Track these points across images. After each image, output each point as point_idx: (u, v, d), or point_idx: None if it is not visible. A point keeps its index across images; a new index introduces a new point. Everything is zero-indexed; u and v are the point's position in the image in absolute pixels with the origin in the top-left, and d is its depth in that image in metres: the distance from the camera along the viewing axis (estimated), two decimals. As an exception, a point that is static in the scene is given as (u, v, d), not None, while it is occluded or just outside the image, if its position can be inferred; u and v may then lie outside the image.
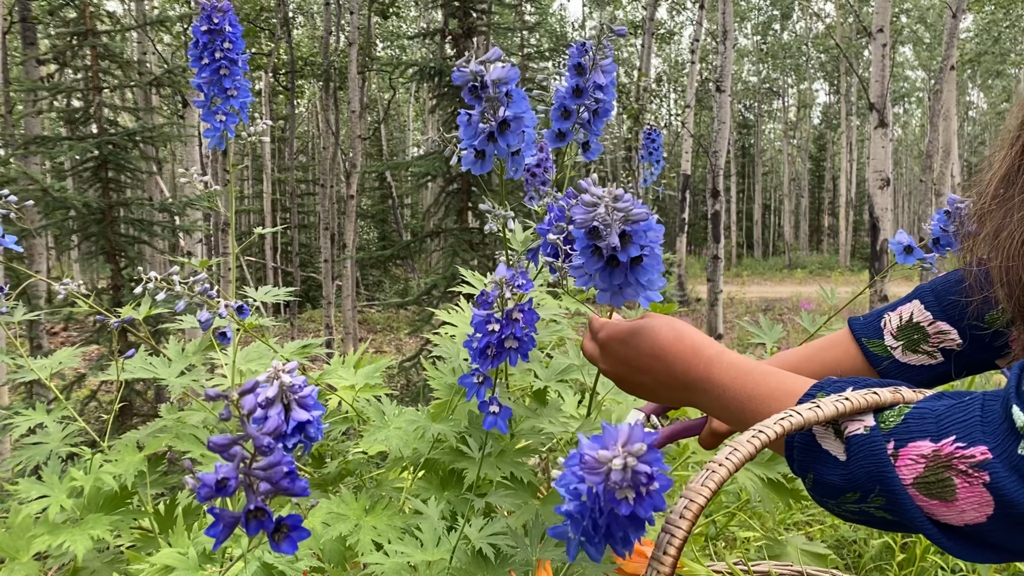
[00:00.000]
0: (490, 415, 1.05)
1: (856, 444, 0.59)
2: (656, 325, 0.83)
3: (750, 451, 0.57)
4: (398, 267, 15.62)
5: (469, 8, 7.00)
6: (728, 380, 0.75)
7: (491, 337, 0.97)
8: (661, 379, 0.82)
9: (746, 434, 0.58)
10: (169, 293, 1.10)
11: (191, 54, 1.29)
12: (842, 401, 0.60)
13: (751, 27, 27.20)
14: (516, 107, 0.97)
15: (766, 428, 0.58)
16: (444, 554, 1.09)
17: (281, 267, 15.94)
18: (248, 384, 0.59)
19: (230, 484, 0.58)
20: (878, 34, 5.13)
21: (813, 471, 0.62)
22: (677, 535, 0.54)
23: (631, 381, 0.86)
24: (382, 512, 1.20)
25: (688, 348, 0.80)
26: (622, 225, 0.76)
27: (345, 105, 13.96)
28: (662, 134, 3.16)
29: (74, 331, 9.56)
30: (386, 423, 1.28)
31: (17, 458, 1.45)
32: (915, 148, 32.73)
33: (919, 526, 0.57)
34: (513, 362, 1.00)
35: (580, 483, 0.56)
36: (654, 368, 0.82)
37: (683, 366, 0.79)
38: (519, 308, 0.97)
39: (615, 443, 0.54)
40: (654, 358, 0.81)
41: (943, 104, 7.94)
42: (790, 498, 1.47)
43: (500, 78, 0.95)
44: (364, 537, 1.13)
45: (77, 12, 5.52)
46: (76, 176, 5.72)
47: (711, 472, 0.56)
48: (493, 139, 0.98)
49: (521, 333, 0.98)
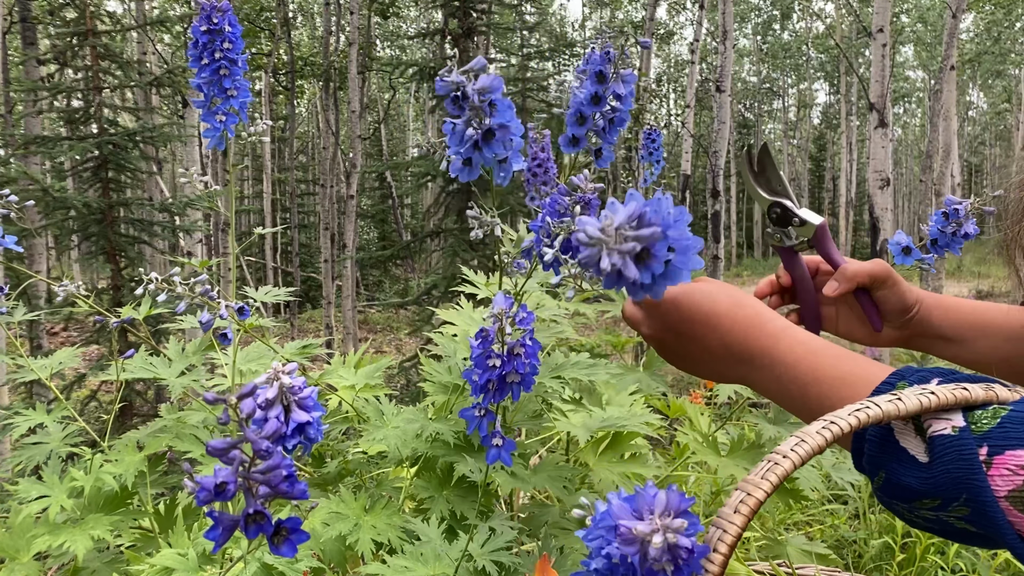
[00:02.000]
0: (493, 448, 1.02)
1: (941, 446, 0.52)
2: (712, 290, 0.75)
3: (819, 444, 0.50)
4: (398, 267, 15.63)
5: (469, 8, 7.00)
6: (793, 358, 0.67)
7: (492, 373, 0.93)
8: (712, 349, 0.73)
9: (816, 424, 0.51)
10: (170, 294, 1.10)
11: (190, 54, 1.29)
12: (927, 395, 0.53)
13: (751, 27, 27.19)
14: (500, 117, 0.96)
15: (839, 419, 0.51)
16: (447, 568, 1.09)
17: (281, 267, 15.94)
18: (247, 387, 0.59)
19: (229, 488, 0.58)
20: (878, 34, 5.13)
21: (887, 470, 0.56)
22: (730, 531, 0.47)
23: (676, 350, 0.77)
24: (381, 511, 1.20)
25: (749, 317, 0.72)
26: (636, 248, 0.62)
27: (345, 105, 13.95)
28: (662, 134, 3.16)
29: (74, 331, 9.56)
30: (385, 423, 1.28)
31: (17, 458, 1.45)
32: (915, 148, 32.72)
33: (1008, 542, 0.51)
34: (516, 396, 0.96)
35: (611, 546, 0.51)
36: (706, 336, 0.73)
37: (741, 336, 0.71)
38: (520, 343, 0.92)
39: (652, 512, 0.49)
40: (707, 325, 0.73)
41: (943, 104, 7.94)
42: (790, 498, 1.47)
43: (484, 87, 0.94)
44: (364, 536, 1.13)
45: (77, 12, 5.52)
46: (76, 176, 5.72)
47: (773, 464, 0.49)
48: (479, 148, 0.97)
49: (523, 368, 0.93)
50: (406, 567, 1.08)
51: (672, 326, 0.76)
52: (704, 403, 3.24)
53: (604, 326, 3.21)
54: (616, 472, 1.39)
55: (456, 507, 1.25)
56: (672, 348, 0.78)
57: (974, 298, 1.04)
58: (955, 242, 1.15)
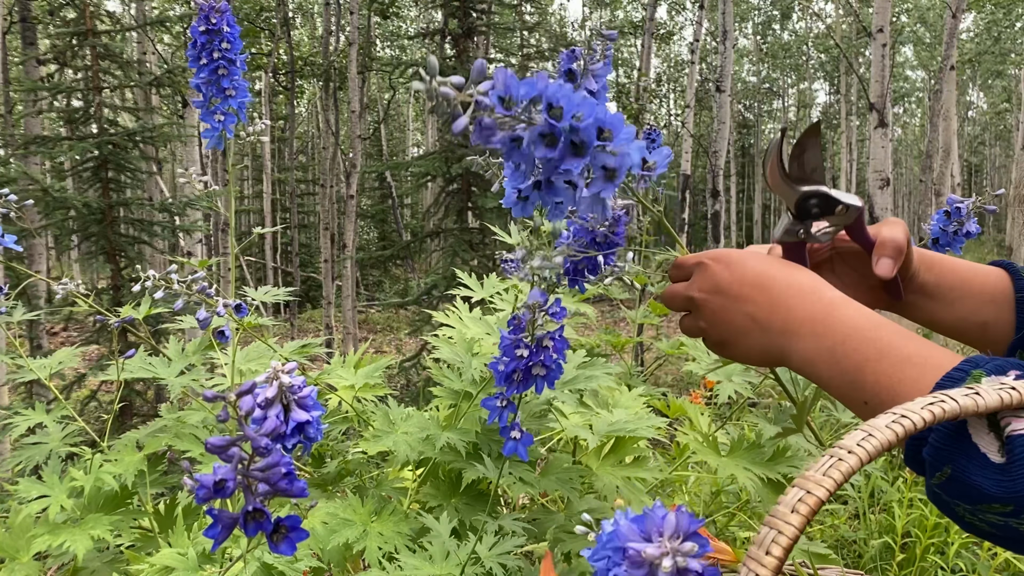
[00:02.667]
0: (511, 440, 1.01)
1: (1022, 447, 0.47)
2: (768, 257, 0.72)
3: (889, 439, 0.45)
4: (398, 267, 15.62)
5: (469, 8, 7.00)
6: (851, 329, 0.62)
7: (519, 363, 0.93)
8: (761, 314, 0.68)
9: (885, 417, 0.46)
10: (167, 291, 1.10)
11: (189, 54, 1.29)
12: (1007, 390, 0.48)
13: (751, 27, 27.20)
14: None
15: (911, 413, 0.46)
16: (453, 569, 1.09)
17: (281, 267, 15.94)
18: (246, 385, 0.59)
19: (228, 486, 0.58)
20: (878, 34, 5.13)
21: (955, 467, 0.50)
22: (786, 533, 0.42)
23: (722, 315, 0.71)
24: (389, 518, 1.20)
25: (803, 283, 0.68)
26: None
27: (345, 105, 13.95)
28: (662, 134, 3.15)
29: (74, 331, 9.56)
30: (394, 428, 1.28)
31: (17, 458, 1.45)
32: (915, 148, 32.73)
33: None
34: (539, 389, 0.96)
35: (618, 568, 0.50)
36: (756, 300, 0.68)
37: (795, 300, 0.66)
38: (550, 336, 0.93)
39: (661, 535, 0.48)
40: (758, 286, 0.69)
41: (943, 104, 7.94)
42: (790, 498, 1.47)
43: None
44: (372, 544, 1.13)
45: (77, 12, 5.52)
46: (76, 176, 5.72)
47: (836, 460, 0.44)
48: (539, 188, 0.94)
49: (551, 361, 0.94)
50: (413, 565, 1.08)
51: (721, 286, 0.71)
52: (704, 403, 3.24)
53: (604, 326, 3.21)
54: (619, 476, 1.39)
55: (464, 516, 1.25)
56: (719, 314, 0.72)
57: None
58: (956, 241, 1.15)
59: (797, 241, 0.77)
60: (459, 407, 1.34)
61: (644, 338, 3.20)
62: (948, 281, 0.79)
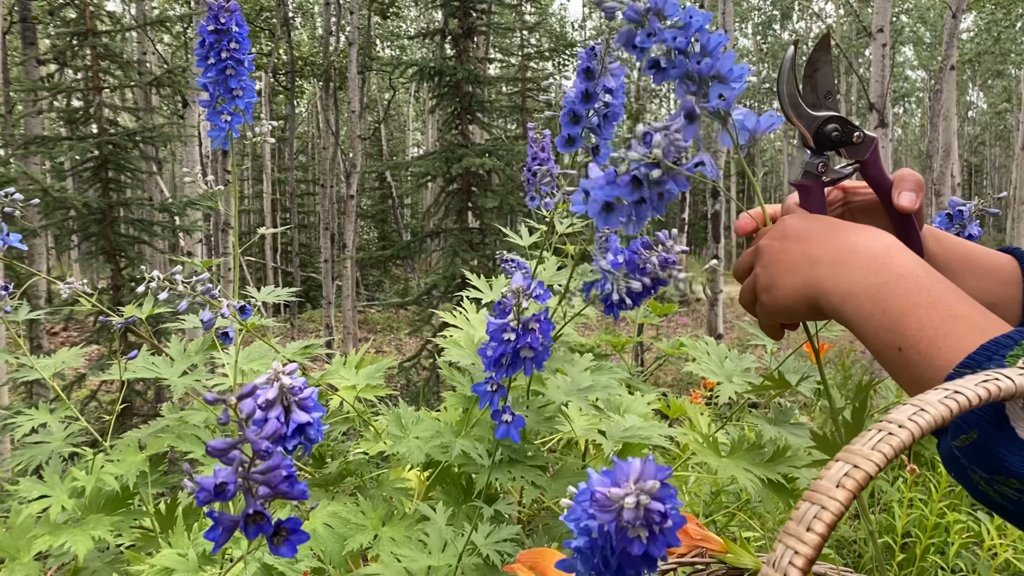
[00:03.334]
0: (503, 424, 1.04)
1: None
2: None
3: (942, 415, 0.42)
4: (398, 267, 15.63)
5: (469, 8, 7.00)
6: (908, 273, 0.60)
7: (506, 347, 0.96)
8: (816, 250, 0.67)
9: (936, 392, 0.43)
10: (172, 292, 1.10)
11: (197, 53, 1.29)
12: None
13: (751, 27, 27.19)
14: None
15: (965, 389, 0.43)
16: (450, 559, 1.09)
17: (281, 267, 15.94)
18: (247, 388, 0.59)
19: (229, 488, 0.58)
20: (878, 34, 5.13)
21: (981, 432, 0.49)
22: (830, 508, 0.39)
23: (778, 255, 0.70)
24: (399, 522, 1.20)
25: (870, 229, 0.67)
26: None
27: (345, 105, 13.95)
28: (662, 134, 3.15)
29: (74, 331, 9.56)
30: (406, 433, 1.27)
31: (18, 458, 1.45)
32: (915, 148, 32.72)
33: None
34: (528, 372, 0.99)
35: (590, 520, 0.52)
36: (816, 239, 0.68)
37: (855, 239, 0.65)
38: (535, 318, 0.96)
39: (627, 480, 0.49)
40: (823, 229, 0.68)
41: (943, 104, 7.94)
42: (790, 498, 1.47)
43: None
44: (384, 549, 1.13)
45: (77, 12, 5.52)
46: (76, 176, 5.72)
47: (886, 434, 0.41)
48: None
49: (537, 343, 0.97)
50: (412, 558, 1.08)
51: (788, 231, 0.70)
52: (704, 403, 3.24)
53: (604, 326, 3.21)
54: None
55: (469, 514, 1.25)
56: (773, 252, 0.70)
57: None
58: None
59: (817, 182, 0.73)
60: (471, 411, 1.34)
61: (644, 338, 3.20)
62: (955, 255, 0.77)
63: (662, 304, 2.61)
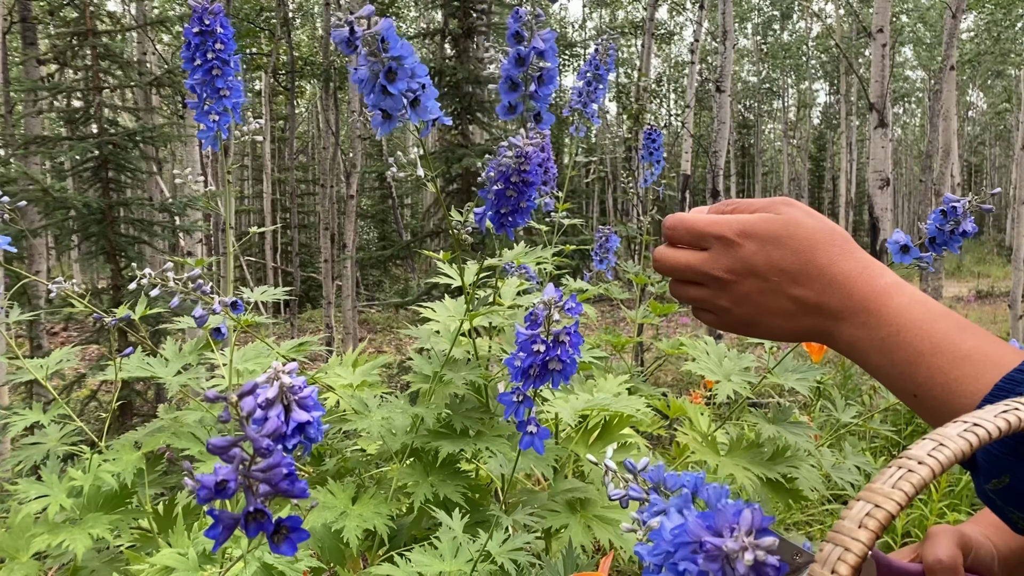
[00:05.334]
0: (527, 435, 1.02)
1: None
2: (808, 217, 0.62)
3: (962, 448, 0.42)
4: (398, 267, 15.62)
5: (469, 8, 7.00)
6: (906, 319, 0.56)
7: (535, 358, 0.94)
8: (811, 298, 0.60)
9: (955, 426, 0.43)
10: (163, 289, 1.10)
11: (183, 56, 1.30)
12: None
13: (751, 27, 27.20)
14: (395, 52, 0.98)
15: (985, 422, 0.43)
16: (464, 565, 1.09)
17: (281, 267, 15.94)
18: (247, 386, 0.59)
19: (229, 486, 0.58)
20: (878, 34, 5.13)
21: (1013, 476, 0.48)
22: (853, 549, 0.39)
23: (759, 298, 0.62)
24: (368, 501, 1.21)
25: (855, 268, 0.60)
26: None
27: (345, 105, 13.95)
28: (662, 134, 3.15)
29: (74, 331, 9.56)
30: (369, 414, 1.31)
31: (16, 457, 1.45)
32: (915, 148, 32.74)
33: None
34: (555, 384, 0.97)
35: (687, 563, 0.49)
36: (804, 284, 0.61)
37: (848, 288, 0.59)
38: (567, 331, 0.94)
39: (737, 530, 0.48)
40: (806, 272, 0.60)
41: (943, 104, 7.94)
42: (790, 498, 1.47)
43: (376, 32, 0.97)
44: (350, 524, 1.14)
45: (77, 12, 5.52)
46: (76, 176, 5.72)
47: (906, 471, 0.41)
48: (387, 92, 0.99)
49: (567, 356, 0.95)
50: (424, 563, 1.08)
51: (758, 269, 0.61)
52: (704, 403, 3.24)
53: (604, 326, 3.21)
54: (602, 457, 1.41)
55: (440, 490, 1.26)
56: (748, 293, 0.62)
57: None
58: (954, 240, 1.15)
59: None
60: (430, 387, 1.37)
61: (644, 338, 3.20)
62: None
63: (662, 304, 2.60)
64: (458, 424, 1.30)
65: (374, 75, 0.97)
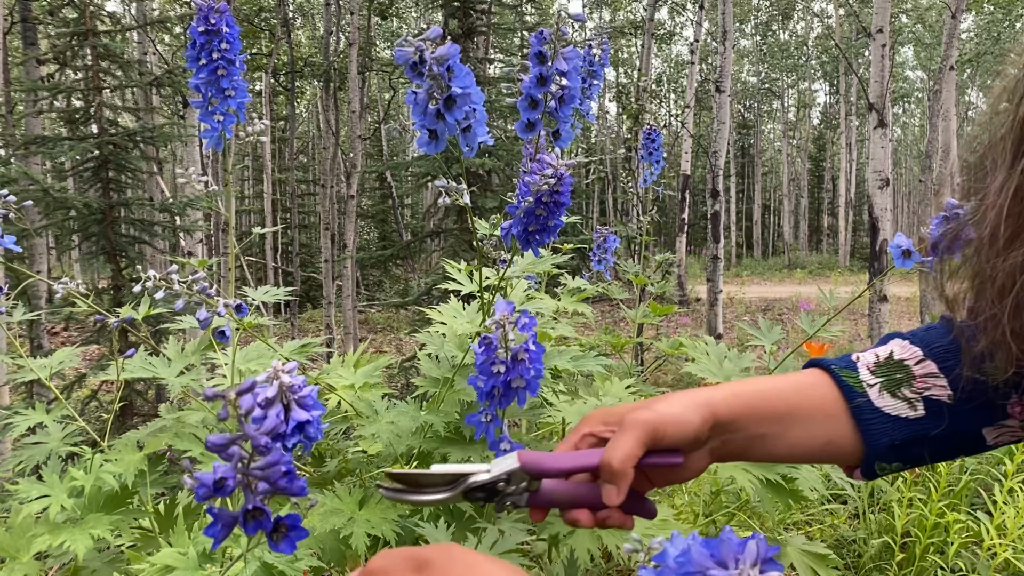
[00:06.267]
0: (501, 453, 1.01)
1: None
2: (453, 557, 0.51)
3: None
4: (398, 267, 15.61)
5: (469, 8, 7.00)
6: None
7: (497, 380, 0.92)
8: None
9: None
10: (168, 291, 1.10)
11: (188, 55, 1.30)
12: None
13: (751, 27, 27.19)
14: (459, 82, 0.97)
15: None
16: None
17: (282, 267, 15.95)
18: (246, 384, 0.59)
19: (228, 484, 0.58)
20: (877, 34, 5.13)
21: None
22: None
23: None
24: (376, 506, 1.21)
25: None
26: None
27: (345, 105, 13.94)
28: (662, 134, 3.15)
29: (75, 331, 9.56)
30: (378, 418, 1.30)
31: (17, 457, 1.45)
32: (915, 148, 32.72)
33: None
34: (522, 402, 0.94)
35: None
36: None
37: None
38: (524, 348, 0.91)
39: (743, 561, 0.48)
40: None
41: (943, 104, 7.94)
42: (789, 498, 1.48)
43: (442, 56, 0.96)
44: (358, 530, 1.14)
45: (77, 12, 5.52)
46: (76, 176, 5.72)
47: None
48: (441, 117, 0.98)
49: (528, 374, 0.92)
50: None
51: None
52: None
53: (604, 326, 3.21)
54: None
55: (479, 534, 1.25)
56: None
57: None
58: (956, 245, 1.15)
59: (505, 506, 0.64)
60: (439, 392, 1.37)
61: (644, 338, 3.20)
62: (766, 415, 0.70)
63: (662, 305, 2.61)
64: (468, 432, 1.29)
65: (431, 99, 0.96)
